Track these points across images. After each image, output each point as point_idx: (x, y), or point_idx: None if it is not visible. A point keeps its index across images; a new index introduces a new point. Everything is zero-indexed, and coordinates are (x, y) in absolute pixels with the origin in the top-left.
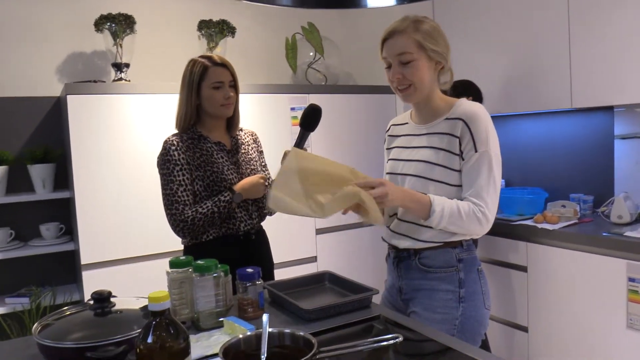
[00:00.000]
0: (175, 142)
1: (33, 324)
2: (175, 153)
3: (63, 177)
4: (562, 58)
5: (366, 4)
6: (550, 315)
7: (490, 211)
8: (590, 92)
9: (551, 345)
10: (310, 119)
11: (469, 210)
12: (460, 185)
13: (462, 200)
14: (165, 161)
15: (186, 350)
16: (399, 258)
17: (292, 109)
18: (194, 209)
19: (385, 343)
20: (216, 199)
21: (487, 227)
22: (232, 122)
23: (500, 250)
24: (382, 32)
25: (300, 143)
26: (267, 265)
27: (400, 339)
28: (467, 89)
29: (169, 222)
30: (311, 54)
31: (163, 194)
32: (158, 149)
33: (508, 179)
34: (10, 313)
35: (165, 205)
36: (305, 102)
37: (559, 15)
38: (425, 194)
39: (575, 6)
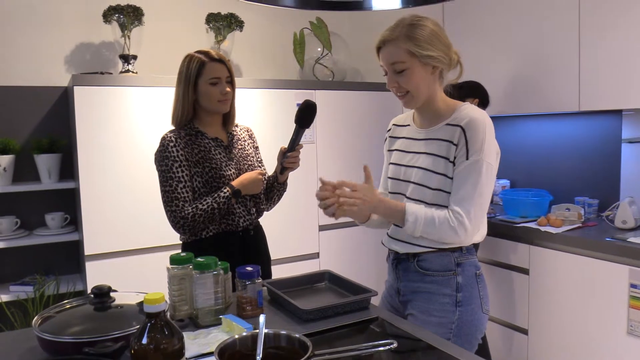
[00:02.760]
0: (173, 139)
1: (36, 313)
2: (174, 149)
3: (69, 168)
4: (571, 60)
5: (371, 6)
6: (550, 319)
7: (472, 221)
8: (598, 95)
9: (550, 348)
10: (305, 115)
11: (443, 219)
12: None
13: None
14: (164, 157)
15: (180, 351)
16: (398, 260)
17: (299, 104)
18: (193, 206)
19: (380, 349)
20: (215, 195)
21: (466, 236)
22: (228, 117)
23: (503, 252)
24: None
25: (295, 140)
26: (265, 261)
27: (394, 345)
28: (473, 91)
29: (169, 219)
30: (319, 49)
31: (162, 190)
32: None
33: (512, 180)
34: (14, 301)
35: (164, 202)
36: (312, 99)
37: (570, 16)
38: (402, 203)
39: (586, 8)
